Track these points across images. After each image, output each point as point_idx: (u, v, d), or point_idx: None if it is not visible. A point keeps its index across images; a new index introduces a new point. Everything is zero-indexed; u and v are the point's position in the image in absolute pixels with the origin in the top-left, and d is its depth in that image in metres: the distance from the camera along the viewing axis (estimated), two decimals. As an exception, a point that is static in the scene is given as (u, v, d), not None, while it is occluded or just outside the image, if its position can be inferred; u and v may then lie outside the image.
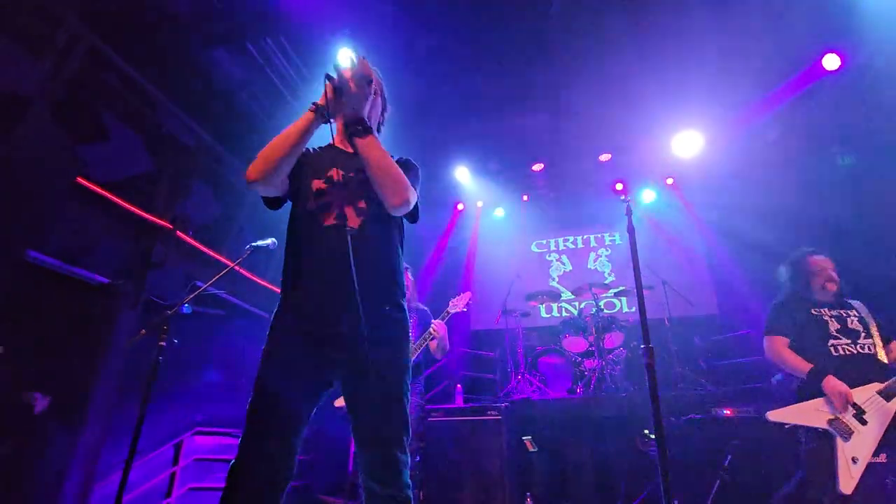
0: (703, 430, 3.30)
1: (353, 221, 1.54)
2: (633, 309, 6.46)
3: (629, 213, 1.85)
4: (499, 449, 3.82)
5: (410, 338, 1.56)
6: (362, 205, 1.57)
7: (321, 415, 1.54)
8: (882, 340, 2.49)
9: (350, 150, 1.63)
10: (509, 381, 5.19)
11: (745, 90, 5.23)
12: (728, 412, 3.48)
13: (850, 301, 2.66)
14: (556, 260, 7.23)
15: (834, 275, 2.68)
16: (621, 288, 5.83)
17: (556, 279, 7.07)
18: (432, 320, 3.32)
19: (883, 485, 2.36)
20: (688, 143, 5.92)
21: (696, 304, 5.71)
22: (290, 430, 1.38)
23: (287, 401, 1.39)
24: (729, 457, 3.08)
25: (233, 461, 1.33)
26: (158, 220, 3.91)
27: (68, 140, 3.06)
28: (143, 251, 3.71)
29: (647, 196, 6.85)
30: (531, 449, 4.17)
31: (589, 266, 7.03)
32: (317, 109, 1.51)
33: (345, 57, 1.52)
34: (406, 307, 1.61)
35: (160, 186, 3.99)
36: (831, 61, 4.84)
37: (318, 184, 1.59)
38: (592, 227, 7.19)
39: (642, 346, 1.58)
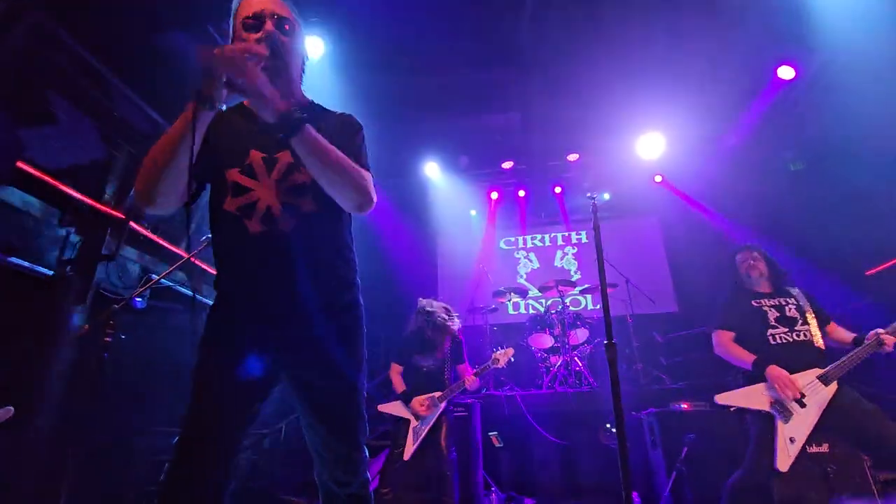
0: (662, 424, 3.40)
1: (285, 223, 1.28)
2: (599, 306, 6.59)
3: (594, 210, 1.86)
4: (466, 445, 3.82)
5: (364, 329, 1.44)
6: (293, 200, 1.30)
7: (284, 412, 1.46)
8: (820, 323, 2.61)
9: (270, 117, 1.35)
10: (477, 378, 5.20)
11: (704, 96, 5.41)
12: (685, 406, 3.59)
13: (789, 289, 2.77)
14: (524, 257, 7.31)
15: (755, 263, 2.81)
16: (587, 286, 5.95)
17: (524, 276, 7.15)
18: (466, 377, 3.44)
19: (825, 473, 2.50)
20: (651, 144, 6.09)
21: (657, 301, 5.89)
22: (230, 433, 1.24)
23: (227, 404, 1.24)
24: (685, 449, 3.18)
25: (169, 463, 1.18)
26: (110, 210, 3.70)
27: (8, 121, 2.84)
28: (93, 242, 3.50)
29: (612, 195, 7.02)
30: (497, 444, 4.19)
31: (556, 264, 7.14)
32: (198, 97, 1.11)
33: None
34: (359, 297, 1.45)
35: (112, 175, 3.77)
36: (786, 72, 5.07)
37: (234, 175, 1.30)
38: (560, 226, 7.31)
39: (605, 342, 1.59)
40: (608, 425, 3.99)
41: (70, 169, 3.53)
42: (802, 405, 2.37)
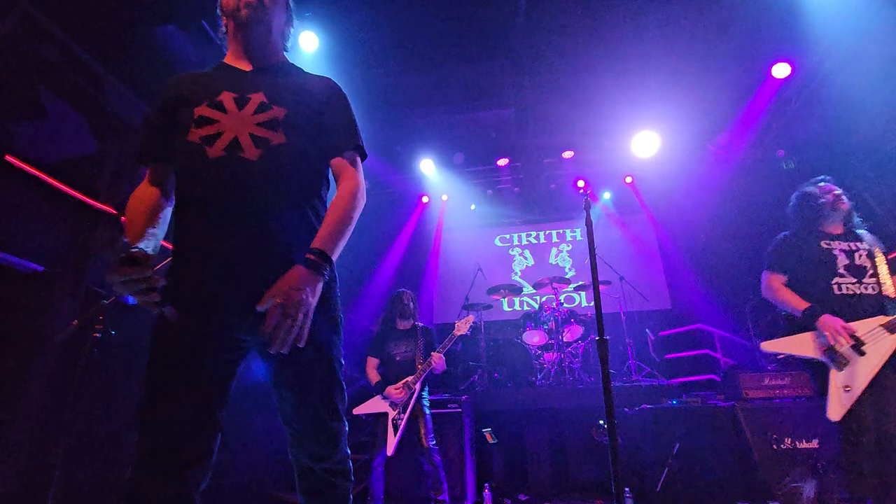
0: (654, 420, 3.42)
1: (251, 152, 1.20)
2: (593, 303, 6.64)
3: (587, 207, 1.86)
4: (459, 441, 3.83)
5: (338, 294, 1.32)
6: (263, 132, 1.23)
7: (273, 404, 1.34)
8: (892, 271, 2.34)
9: (247, 67, 1.37)
10: (470, 374, 5.22)
11: (698, 95, 5.43)
12: (677, 402, 3.62)
13: (859, 232, 2.49)
14: (519, 254, 7.32)
15: (840, 195, 2.50)
16: (581, 283, 5.97)
17: (519, 273, 7.16)
18: (433, 352, 3.47)
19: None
20: (645, 143, 6.10)
21: (650, 298, 5.93)
22: (202, 420, 1.10)
23: (193, 388, 1.10)
24: (677, 445, 3.20)
25: (133, 466, 1.06)
26: (101, 205, 3.67)
27: (-3, 115, 2.81)
28: (84, 238, 3.47)
29: (607, 193, 7.05)
30: (491, 441, 4.21)
31: (550, 261, 7.15)
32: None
33: None
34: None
35: (104, 169, 3.74)
36: (781, 69, 5.09)
37: (201, 110, 1.24)
38: (555, 223, 7.32)
39: (597, 339, 1.60)
40: (601, 422, 4.02)
41: (61, 163, 3.49)
42: (861, 353, 2.12)
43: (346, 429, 1.26)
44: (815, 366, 2.23)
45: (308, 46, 4.23)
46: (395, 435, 3.25)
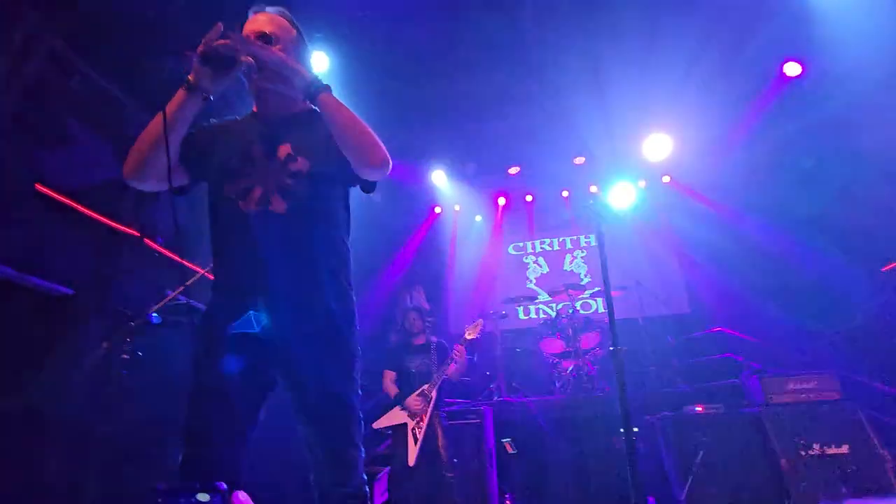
0: (676, 428, 3.37)
1: (279, 205, 1.32)
2: (609, 309, 6.58)
3: (598, 218, 1.87)
4: (478, 452, 3.82)
5: (357, 327, 1.45)
6: (290, 184, 1.34)
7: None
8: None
9: (273, 117, 1.45)
10: (487, 384, 5.20)
11: (709, 94, 5.40)
12: (699, 409, 3.56)
13: None
14: (534, 262, 7.30)
15: None
16: (597, 289, 5.94)
17: (534, 281, 7.14)
18: (455, 344, 3.54)
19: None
20: (658, 146, 6.07)
21: (668, 303, 5.85)
22: (234, 443, 1.24)
23: (227, 414, 1.24)
24: (701, 453, 3.15)
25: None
26: (125, 228, 3.80)
27: (26, 146, 2.94)
28: (109, 260, 3.59)
29: (620, 198, 6.99)
30: (510, 451, 4.19)
31: (565, 268, 7.12)
32: (189, 86, 1.26)
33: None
34: (352, 295, 1.45)
35: (127, 193, 3.87)
36: (792, 68, 5.04)
37: (233, 163, 1.37)
38: (568, 230, 7.29)
39: (612, 348, 1.61)
40: (622, 430, 3.97)
41: (86, 189, 3.63)
42: None
43: (363, 455, 1.35)
44: None
45: (319, 67, 4.33)
46: (415, 445, 3.27)
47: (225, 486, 1.00)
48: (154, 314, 2.44)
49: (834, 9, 4.19)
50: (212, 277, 1.43)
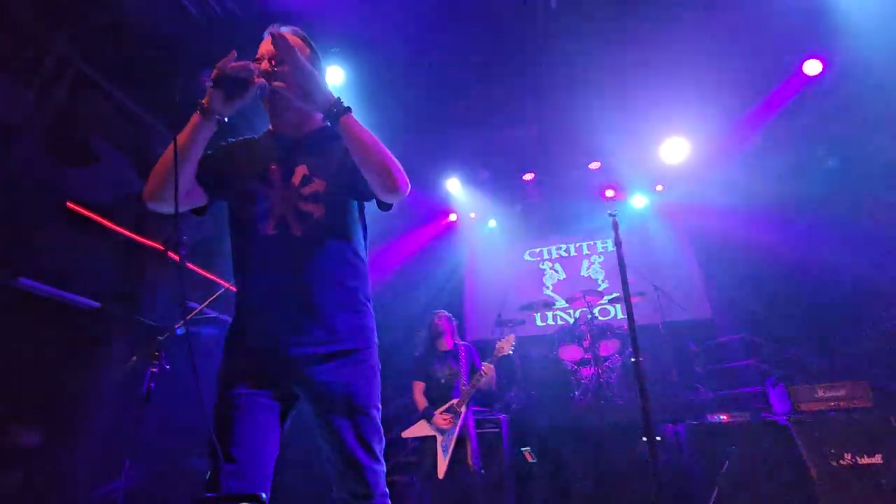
0: (700, 437, 3.30)
1: (296, 228, 1.36)
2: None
3: (615, 226, 1.86)
4: (499, 462, 3.80)
5: (376, 342, 1.46)
6: (307, 207, 1.38)
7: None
8: None
9: (290, 136, 1.48)
10: (506, 392, 5.17)
11: (728, 95, 5.32)
12: (724, 417, 3.49)
13: None
14: (550, 268, 7.26)
15: None
16: (615, 295, 5.86)
17: (550, 287, 7.09)
18: (483, 363, 3.52)
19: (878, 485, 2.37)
20: (675, 149, 6.00)
21: (688, 308, 5.75)
22: (260, 456, 1.27)
23: (251, 428, 1.28)
24: (726, 463, 3.08)
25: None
26: (149, 242, 3.90)
27: (57, 165, 3.06)
28: (134, 274, 3.69)
29: (637, 202, 6.93)
30: (530, 460, 4.15)
31: (582, 273, 7.05)
32: (203, 110, 1.28)
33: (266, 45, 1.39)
34: (370, 310, 1.47)
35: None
36: (813, 66, 4.94)
37: (252, 185, 1.41)
38: (585, 235, 7.24)
39: (632, 359, 1.59)
40: (644, 438, 3.90)
41: (112, 204, 3.75)
42: None
43: (384, 469, 1.36)
44: None
45: (335, 80, 4.40)
46: (444, 457, 3.26)
47: (264, 495, 1.05)
48: (180, 327, 2.50)
49: (856, 5, 4.10)
50: (234, 290, 1.46)
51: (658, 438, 3.90)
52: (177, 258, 4.00)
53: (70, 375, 3.03)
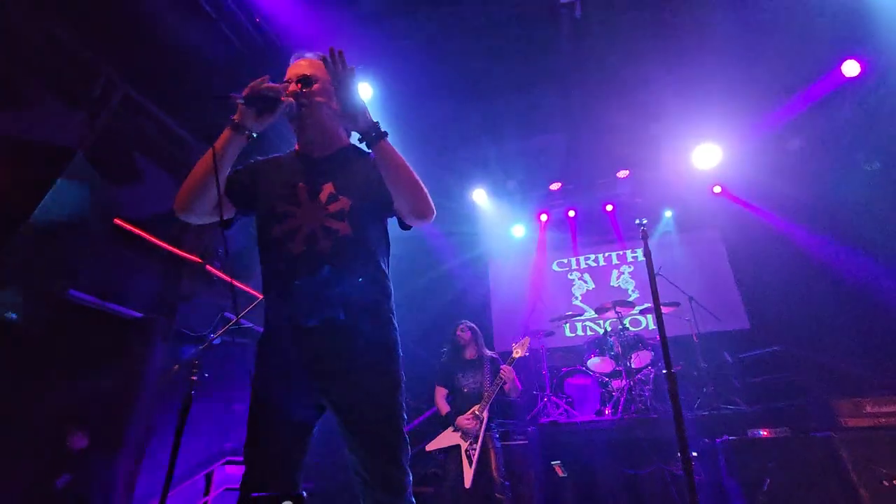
0: (739, 453, 3.18)
1: (323, 245, 1.40)
2: (660, 326, 6.33)
3: (645, 236, 1.84)
4: (527, 475, 3.75)
5: (400, 354, 1.49)
6: (333, 224, 1.42)
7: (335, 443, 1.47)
8: None
9: (316, 155, 1.54)
10: (535, 404, 5.11)
11: (763, 100, 5.19)
12: (765, 433, 3.35)
13: None
14: (578, 278, 7.16)
15: None
16: (646, 305, 5.73)
17: (579, 298, 6.99)
18: (502, 366, 3.53)
19: None
20: (706, 155, 5.87)
21: (724, 318, 5.56)
22: (289, 463, 1.33)
23: (281, 436, 1.34)
24: (767, 480, 2.95)
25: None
26: (187, 255, 4.07)
27: (105, 184, 3.25)
28: (174, 285, 3.86)
29: (668, 211, 6.79)
30: (561, 474, 4.07)
31: (612, 284, 6.93)
32: (234, 126, 1.37)
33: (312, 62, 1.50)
34: (394, 323, 1.51)
35: (190, 224, 4.16)
36: (851, 68, 4.78)
37: (281, 205, 1.45)
38: (614, 245, 7.12)
39: (664, 371, 1.56)
40: (679, 455, 3.78)
41: (153, 219, 3.94)
42: None
43: (410, 479, 1.38)
44: None
45: (363, 96, 4.51)
46: (470, 467, 3.25)
47: (305, 494, 1.10)
48: (215, 337, 2.60)
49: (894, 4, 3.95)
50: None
51: (694, 454, 3.77)
52: (214, 270, 4.16)
53: (114, 383, 3.17)
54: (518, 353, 3.63)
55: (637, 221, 1.90)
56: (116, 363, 3.38)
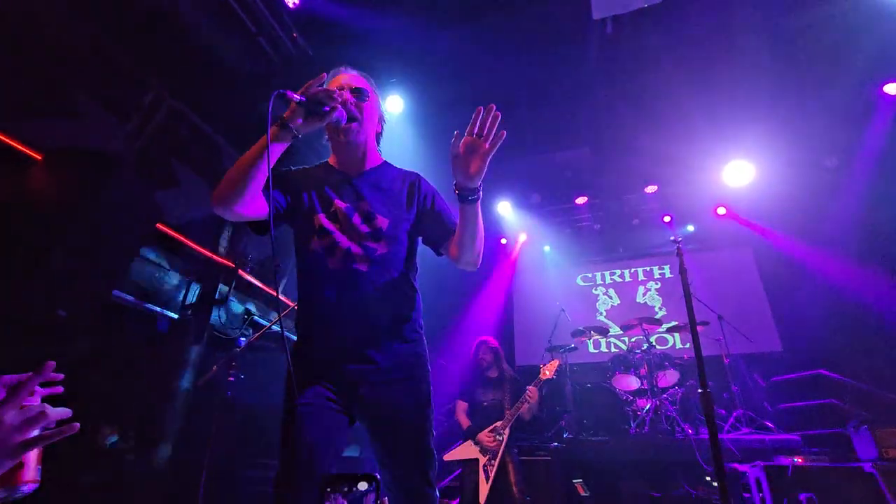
0: (771, 480, 3.07)
1: (361, 264, 1.44)
2: (688, 345, 6.18)
3: (680, 253, 1.83)
4: (549, 492, 3.69)
5: (429, 370, 1.52)
6: (370, 243, 1.47)
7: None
8: None
9: (352, 172, 1.55)
10: (557, 420, 5.04)
11: (799, 118, 5.08)
12: (799, 460, 3.22)
13: None
14: (603, 293, 7.07)
15: None
16: (674, 323, 5.60)
17: (604, 313, 6.89)
18: (528, 388, 3.52)
19: None
20: (738, 172, 5.76)
21: (755, 340, 5.40)
22: (321, 466, 1.32)
23: (315, 451, 1.32)
24: (803, 510, 2.84)
25: None
26: (222, 259, 4.20)
27: (149, 190, 3.40)
28: (208, 288, 3.98)
29: (698, 227, 6.67)
30: (583, 493, 4.00)
31: (638, 300, 6.82)
32: (282, 123, 1.32)
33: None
34: (423, 338, 1.54)
35: (225, 230, 4.30)
36: (893, 88, 4.65)
37: (321, 220, 1.48)
38: (640, 260, 7.02)
39: (699, 390, 1.54)
40: (707, 478, 3.67)
41: (190, 225, 4.09)
42: None
43: (437, 495, 1.40)
44: None
45: (394, 109, 4.61)
46: (486, 482, 3.23)
47: (379, 475, 1.13)
48: (243, 339, 2.67)
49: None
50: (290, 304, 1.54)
51: (707, 478, 3.65)
52: (246, 275, 4.27)
53: (151, 383, 3.28)
54: (546, 374, 3.61)
55: (672, 238, 1.89)
56: (154, 363, 3.49)
